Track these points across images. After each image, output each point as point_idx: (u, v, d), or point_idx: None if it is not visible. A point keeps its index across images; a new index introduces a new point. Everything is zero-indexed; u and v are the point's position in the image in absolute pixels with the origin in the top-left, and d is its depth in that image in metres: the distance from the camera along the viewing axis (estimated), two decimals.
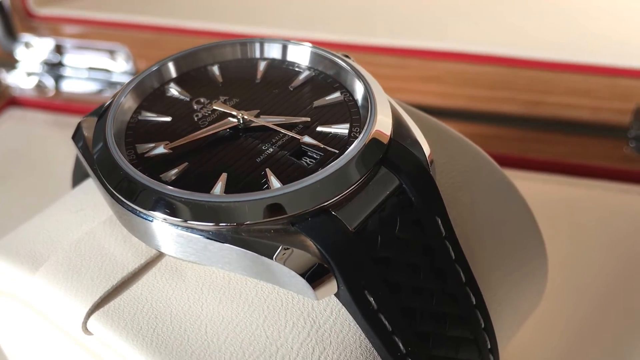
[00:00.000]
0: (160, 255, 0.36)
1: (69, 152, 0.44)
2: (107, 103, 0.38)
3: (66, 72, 0.72)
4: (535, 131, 0.63)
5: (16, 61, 0.73)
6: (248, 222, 0.32)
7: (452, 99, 0.64)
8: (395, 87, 0.64)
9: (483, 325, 0.37)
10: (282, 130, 0.36)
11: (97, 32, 0.71)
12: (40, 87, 0.72)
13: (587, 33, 0.65)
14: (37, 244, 0.37)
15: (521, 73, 0.63)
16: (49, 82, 0.72)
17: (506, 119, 0.64)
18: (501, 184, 0.41)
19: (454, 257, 0.36)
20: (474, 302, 0.36)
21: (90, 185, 0.40)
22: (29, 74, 0.73)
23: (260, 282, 0.35)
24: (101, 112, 0.37)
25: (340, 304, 0.34)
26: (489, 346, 0.37)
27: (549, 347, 0.48)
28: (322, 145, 0.35)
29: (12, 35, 0.72)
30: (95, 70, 0.72)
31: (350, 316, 0.34)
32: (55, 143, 0.66)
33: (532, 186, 0.58)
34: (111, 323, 0.33)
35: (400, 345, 0.33)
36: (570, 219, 0.56)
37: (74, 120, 0.56)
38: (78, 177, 0.42)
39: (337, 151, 0.35)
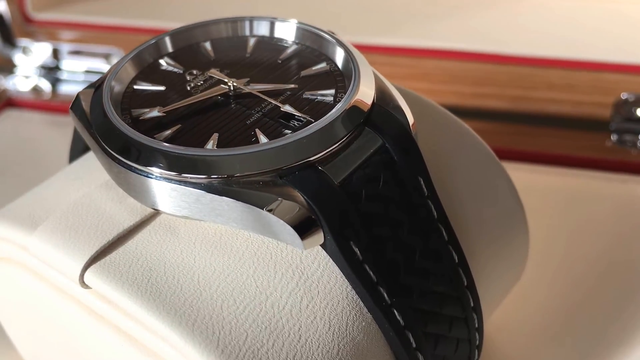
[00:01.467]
0: (154, 215, 0.37)
1: (66, 150, 0.46)
2: (103, 76, 0.40)
3: (63, 75, 0.74)
4: (521, 125, 0.65)
5: (14, 66, 0.75)
6: (238, 175, 0.33)
7: (440, 96, 0.65)
8: None
9: (466, 283, 0.38)
10: (270, 99, 0.38)
11: (94, 35, 0.73)
12: (37, 90, 0.73)
13: (568, 29, 0.67)
14: (35, 209, 0.39)
15: (506, 69, 0.64)
16: (46, 85, 0.74)
17: (492, 114, 0.65)
18: (482, 154, 0.43)
19: (436, 216, 0.37)
20: (457, 261, 0.38)
21: (87, 158, 0.42)
22: (27, 78, 0.74)
23: (251, 236, 0.36)
24: (98, 84, 0.39)
25: (328, 257, 0.35)
26: (472, 304, 0.39)
27: (529, 321, 0.49)
28: (309, 110, 0.37)
29: (10, 41, 0.74)
30: (92, 73, 0.73)
31: (337, 269, 0.35)
32: (52, 142, 0.68)
33: (519, 176, 0.59)
34: (107, 275, 0.35)
35: (385, 295, 0.35)
36: (557, 206, 0.57)
37: (70, 120, 0.58)
38: (75, 152, 0.44)
39: (322, 114, 0.36)
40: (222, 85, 0.39)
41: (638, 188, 0.59)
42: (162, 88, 0.39)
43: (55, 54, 0.74)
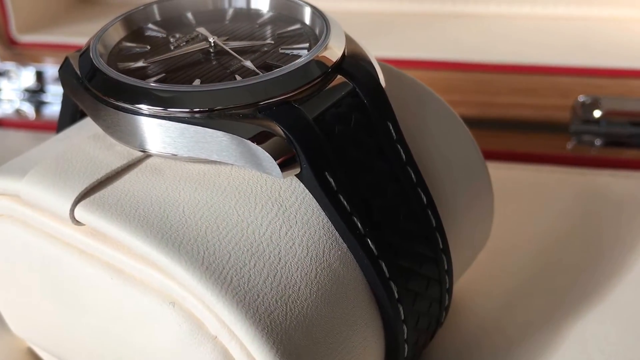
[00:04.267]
0: (142, 158, 0.39)
1: None
2: (90, 39, 0.43)
3: (47, 98, 0.76)
4: (486, 130, 0.68)
5: None
6: (219, 107, 0.36)
7: None
8: None
9: (434, 224, 0.40)
10: (249, 55, 0.41)
11: None
12: (19, 114, 0.75)
13: (528, 36, 0.70)
14: (25, 162, 0.41)
15: (471, 76, 0.68)
16: (29, 109, 0.76)
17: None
18: (446, 112, 0.46)
19: (404, 160, 0.40)
20: (425, 202, 0.40)
21: (74, 126, 0.44)
22: (10, 101, 0.76)
23: (232, 174, 0.38)
24: (85, 49, 0.42)
25: (306, 191, 0.38)
26: (441, 246, 0.41)
27: (500, 283, 0.52)
28: (285, 61, 0.40)
29: None
30: None
31: (314, 202, 0.37)
32: None
33: None
34: (96, 209, 0.37)
35: (359, 224, 0.37)
36: (519, 194, 0.60)
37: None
38: (62, 124, 0.46)
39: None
40: (204, 42, 0.41)
41: (593, 178, 0.62)
42: (147, 47, 0.42)
43: (39, 76, 0.76)
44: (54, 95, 0.76)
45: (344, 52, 0.40)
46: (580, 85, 0.66)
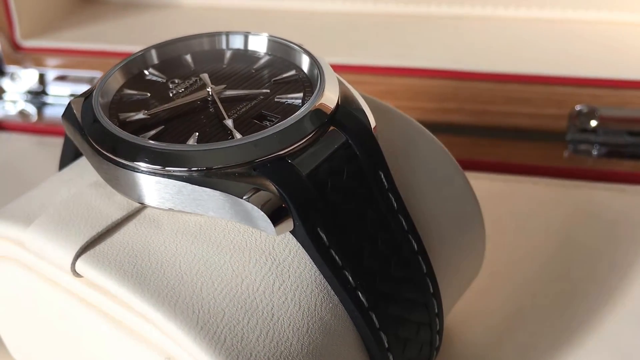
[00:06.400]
0: (140, 209, 0.41)
1: (54, 171, 0.49)
2: (93, 85, 0.44)
3: (49, 99, 0.78)
4: (481, 138, 0.68)
5: (2, 91, 0.78)
6: (216, 167, 0.37)
7: (405, 112, 0.68)
8: None
9: (425, 270, 0.42)
10: (245, 103, 0.42)
11: (79, 61, 0.76)
12: (23, 114, 0.76)
13: (524, 46, 0.71)
14: (30, 207, 0.42)
15: (466, 85, 0.68)
16: (32, 110, 0.77)
17: (455, 128, 0.69)
18: (440, 154, 0.46)
19: (396, 208, 0.41)
20: (416, 248, 0.41)
21: (76, 164, 0.46)
22: (14, 102, 0.78)
23: (228, 227, 0.39)
24: (88, 94, 0.43)
25: (298, 245, 0.39)
26: (432, 291, 0.42)
27: (491, 316, 0.53)
28: (280, 111, 0.41)
29: None
30: None
31: (307, 256, 0.39)
32: (40, 162, 0.71)
33: (478, 184, 0.63)
34: (96, 263, 0.38)
35: (350, 278, 0.38)
36: (515, 210, 0.61)
37: (57, 141, 0.61)
38: (65, 160, 0.47)
39: (292, 114, 0.40)
40: (202, 91, 0.42)
41: (589, 192, 0.63)
42: (147, 94, 0.43)
43: (42, 79, 0.78)
44: (55, 96, 0.78)
45: (337, 101, 0.41)
46: (576, 95, 0.67)
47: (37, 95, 0.78)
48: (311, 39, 0.73)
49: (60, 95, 0.78)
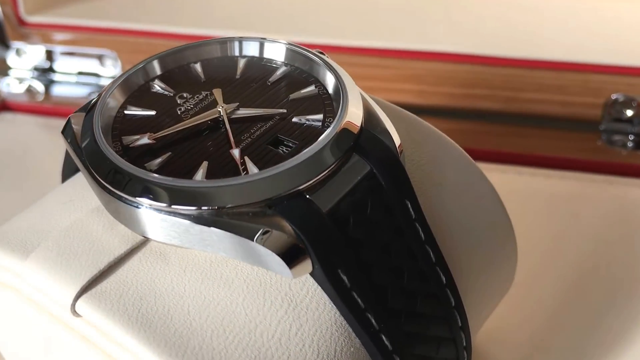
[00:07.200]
0: (145, 241, 0.38)
1: (59, 154, 0.46)
2: (95, 99, 0.40)
3: (56, 77, 0.75)
4: (510, 126, 0.65)
5: (8, 68, 0.76)
6: (229, 206, 0.34)
7: (431, 97, 0.66)
8: (375, 86, 0.66)
9: (453, 304, 0.39)
10: (259, 125, 0.38)
11: (87, 38, 0.73)
12: (30, 92, 0.74)
13: (559, 31, 0.67)
14: (27, 234, 0.39)
15: (496, 71, 0.65)
16: (40, 87, 0.74)
17: (482, 115, 0.66)
18: (468, 170, 0.43)
19: (423, 239, 0.38)
20: (444, 282, 0.38)
21: (79, 179, 0.42)
22: (20, 80, 0.75)
23: (240, 263, 0.36)
24: (89, 108, 0.40)
25: (316, 284, 0.36)
26: (460, 324, 0.39)
27: (521, 330, 0.50)
28: (297, 135, 0.38)
29: (4, 42, 0.74)
30: (85, 75, 0.74)
31: (325, 295, 0.36)
32: (46, 145, 0.68)
33: (506, 178, 0.60)
34: (98, 305, 0.35)
35: (373, 321, 0.35)
36: (543, 207, 0.58)
37: (63, 123, 0.58)
38: (67, 172, 0.44)
39: (311, 140, 0.37)
40: (213, 110, 0.39)
41: (624, 189, 0.60)
42: (152, 113, 0.39)
43: (49, 55, 0.75)
44: (63, 74, 0.75)
45: (361, 124, 0.37)
46: (613, 83, 0.64)
47: (45, 73, 0.75)
48: (331, 21, 0.70)
49: (68, 72, 0.75)
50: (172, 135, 0.38)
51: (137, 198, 0.35)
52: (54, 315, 0.38)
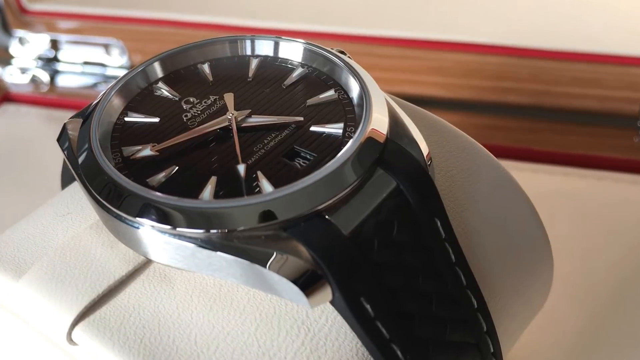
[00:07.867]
0: (148, 262, 0.34)
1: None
2: (93, 103, 0.37)
3: (61, 67, 0.72)
4: (541, 121, 0.62)
5: (11, 57, 0.73)
6: (240, 229, 0.30)
7: (457, 90, 0.63)
8: (399, 78, 0.63)
9: (485, 329, 0.35)
10: (273, 135, 0.35)
11: (92, 26, 0.71)
12: (35, 82, 0.71)
13: (594, 22, 0.64)
14: (21, 250, 0.36)
15: (527, 63, 0.62)
16: (44, 77, 0.72)
17: (511, 110, 0.63)
18: (502, 181, 0.39)
19: (454, 260, 0.34)
20: (476, 306, 0.35)
21: (78, 188, 0.39)
22: (24, 70, 0.72)
23: (252, 288, 0.33)
24: (87, 114, 0.36)
25: (336, 311, 0.32)
26: (492, 350, 0.36)
27: (554, 347, 0.46)
28: (316, 146, 0.34)
29: (6, 31, 0.72)
30: (90, 64, 0.71)
31: (346, 323, 0.32)
32: (49, 138, 0.65)
33: (537, 178, 0.57)
34: (97, 333, 0.32)
35: (399, 353, 0.32)
36: (578, 211, 0.54)
37: (67, 115, 0.55)
38: (67, 178, 0.41)
39: (331, 152, 0.33)
40: (222, 117, 0.35)
41: None
42: (155, 120, 0.36)
43: (53, 44, 0.72)
44: (68, 63, 0.73)
45: (386, 135, 0.34)
46: None
47: (49, 62, 0.72)
48: (356, 11, 0.66)
49: (74, 62, 0.72)
50: (178, 145, 0.35)
51: (137, 218, 0.31)
52: (50, 339, 0.35)
